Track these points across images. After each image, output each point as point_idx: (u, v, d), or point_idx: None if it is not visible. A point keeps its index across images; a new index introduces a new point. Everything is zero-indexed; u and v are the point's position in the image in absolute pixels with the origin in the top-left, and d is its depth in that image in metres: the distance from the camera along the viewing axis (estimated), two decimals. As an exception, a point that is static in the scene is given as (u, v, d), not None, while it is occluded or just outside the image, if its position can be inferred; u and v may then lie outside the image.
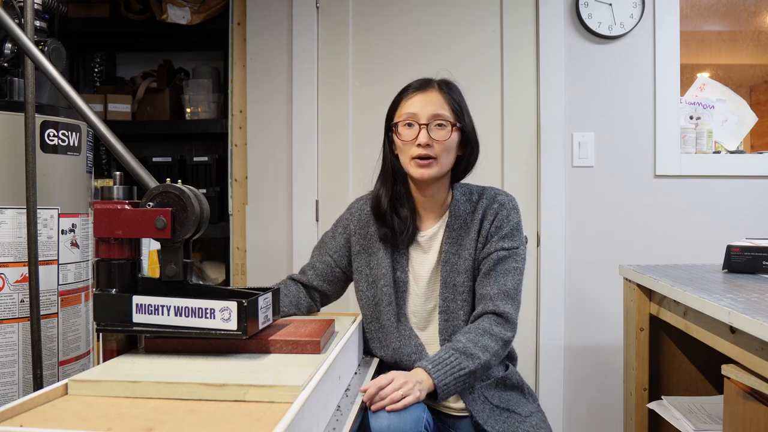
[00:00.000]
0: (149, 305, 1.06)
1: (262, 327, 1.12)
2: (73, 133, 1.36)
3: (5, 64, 1.33)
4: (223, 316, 1.04)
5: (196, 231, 1.10)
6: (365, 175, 1.57)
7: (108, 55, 2.73)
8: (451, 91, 1.44)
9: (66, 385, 0.94)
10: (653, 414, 1.67)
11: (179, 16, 2.40)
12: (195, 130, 2.54)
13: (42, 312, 1.27)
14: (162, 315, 1.06)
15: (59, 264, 1.33)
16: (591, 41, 2.37)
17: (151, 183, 1.13)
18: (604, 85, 2.37)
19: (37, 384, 1.25)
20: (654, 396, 1.71)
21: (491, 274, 1.39)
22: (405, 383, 1.21)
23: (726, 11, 2.82)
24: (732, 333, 1.18)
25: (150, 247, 1.97)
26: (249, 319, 1.05)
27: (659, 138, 2.35)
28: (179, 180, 1.15)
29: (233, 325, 1.04)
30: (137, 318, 1.07)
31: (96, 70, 2.70)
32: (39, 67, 1.20)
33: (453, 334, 1.41)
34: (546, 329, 2.35)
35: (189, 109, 2.53)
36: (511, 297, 1.38)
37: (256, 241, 2.43)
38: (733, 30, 2.87)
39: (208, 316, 1.04)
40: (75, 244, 1.37)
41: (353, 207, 1.57)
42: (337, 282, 1.55)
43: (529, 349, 2.37)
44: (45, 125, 1.30)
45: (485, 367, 1.32)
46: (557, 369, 2.35)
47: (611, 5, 2.33)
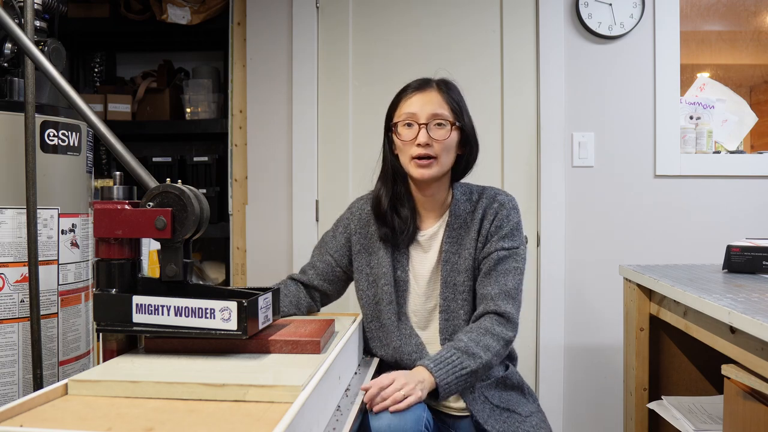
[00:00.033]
0: (149, 305, 1.06)
1: (262, 327, 1.12)
2: (73, 133, 1.36)
3: (5, 64, 1.33)
4: (223, 316, 1.04)
5: (196, 231, 1.10)
6: (365, 175, 1.57)
7: (108, 55, 2.73)
8: (450, 91, 1.44)
9: (66, 385, 0.94)
10: (653, 414, 1.67)
11: (179, 16, 2.40)
12: (195, 130, 2.54)
13: (42, 312, 1.27)
14: (162, 315, 1.06)
15: (59, 264, 1.33)
16: (591, 41, 2.37)
17: (151, 183, 1.13)
18: (604, 85, 2.37)
19: (37, 384, 1.25)
20: (654, 396, 1.71)
21: (492, 274, 1.39)
22: (406, 384, 1.21)
23: (726, 11, 2.82)
24: (732, 333, 1.18)
25: (150, 247, 1.97)
26: (249, 319, 1.05)
27: (659, 138, 2.35)
28: (179, 180, 1.15)
29: (233, 325, 1.04)
30: (137, 318, 1.07)
31: (96, 70, 2.70)
32: (39, 67, 1.20)
33: (453, 333, 1.41)
34: (546, 329, 2.35)
35: (189, 109, 2.53)
36: (512, 297, 1.38)
37: (256, 241, 2.43)
38: (733, 30, 2.87)
39: (208, 316, 1.05)
40: (75, 244, 1.37)
41: (354, 206, 1.57)
42: (338, 281, 1.55)
43: (529, 349, 2.37)
44: (45, 125, 1.30)
45: (487, 367, 1.32)
46: (557, 369, 2.35)
47: (611, 5, 2.33)
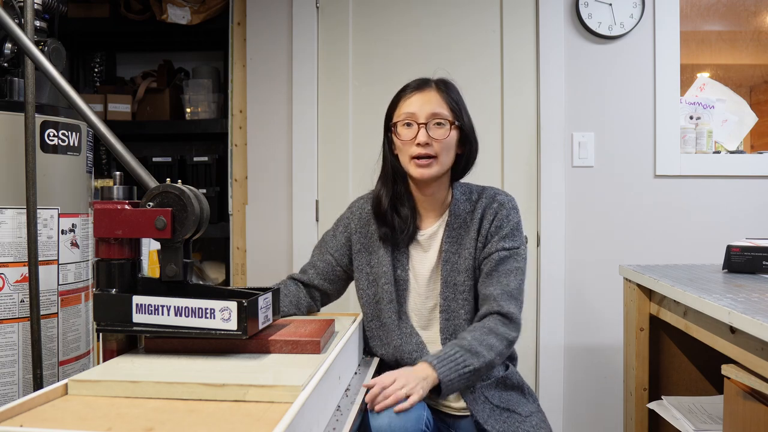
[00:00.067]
0: (149, 305, 1.06)
1: (262, 327, 1.12)
2: (73, 133, 1.36)
3: (5, 64, 1.33)
4: (223, 316, 1.04)
5: (196, 231, 1.10)
6: (365, 175, 1.57)
7: (108, 55, 2.73)
8: (449, 90, 1.44)
9: (66, 385, 0.94)
10: (653, 414, 1.67)
11: (179, 16, 2.40)
12: (195, 130, 2.54)
13: (42, 312, 1.27)
14: (162, 315, 1.06)
15: (59, 264, 1.33)
16: (591, 41, 2.37)
17: (151, 183, 1.13)
18: (604, 85, 2.37)
19: (37, 384, 1.25)
20: (654, 396, 1.71)
21: (493, 274, 1.39)
22: (407, 383, 1.21)
23: (726, 11, 2.82)
24: (732, 333, 1.18)
25: (150, 247, 1.97)
26: (249, 319, 1.05)
27: (659, 138, 2.35)
28: (179, 180, 1.15)
29: (233, 325, 1.04)
30: (137, 318, 1.07)
31: (96, 70, 2.70)
32: (39, 67, 1.20)
33: (454, 333, 1.41)
34: (546, 329, 2.35)
35: (189, 109, 2.53)
36: (515, 297, 1.38)
37: (256, 241, 2.43)
38: (733, 30, 2.87)
39: (208, 316, 1.04)
40: (75, 244, 1.37)
41: (354, 206, 1.57)
42: (338, 281, 1.55)
43: (529, 349, 2.37)
44: (45, 125, 1.30)
45: (489, 366, 1.32)
46: (557, 369, 2.35)
47: (611, 5, 2.33)
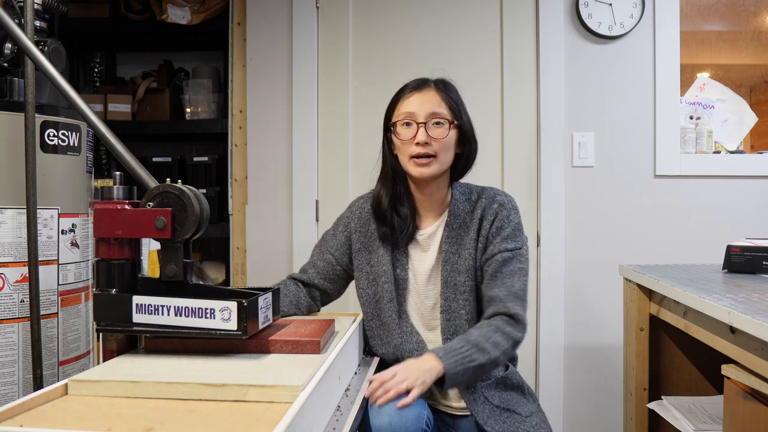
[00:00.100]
0: (149, 305, 1.06)
1: (262, 327, 1.12)
2: (73, 133, 1.36)
3: (5, 64, 1.33)
4: (223, 316, 1.04)
5: (196, 231, 1.10)
6: (365, 175, 1.57)
7: (108, 55, 2.73)
8: (448, 90, 1.44)
9: (66, 385, 0.94)
10: (653, 414, 1.67)
11: (179, 16, 2.40)
12: (195, 130, 2.54)
13: (42, 312, 1.27)
14: (162, 315, 1.06)
15: (59, 264, 1.33)
16: (591, 41, 2.37)
17: (151, 183, 1.13)
18: (604, 85, 2.37)
19: (37, 384, 1.25)
20: (654, 396, 1.71)
21: (497, 276, 1.39)
22: (408, 376, 1.21)
23: (726, 11, 2.82)
24: (732, 333, 1.18)
25: (150, 247, 1.97)
26: (249, 319, 1.05)
27: (659, 138, 2.35)
28: (179, 180, 1.15)
29: (233, 325, 1.04)
30: (137, 318, 1.07)
31: (96, 70, 2.70)
32: (39, 67, 1.20)
33: (455, 333, 1.41)
34: (546, 329, 2.35)
35: (189, 109, 2.53)
36: (520, 299, 1.38)
37: (256, 241, 2.43)
38: (733, 30, 2.87)
39: (208, 316, 1.04)
40: (75, 244, 1.37)
41: (354, 205, 1.57)
42: (338, 280, 1.55)
43: (529, 349, 2.37)
44: (45, 125, 1.30)
45: (493, 363, 1.31)
46: (557, 369, 2.35)
47: (611, 5, 2.33)
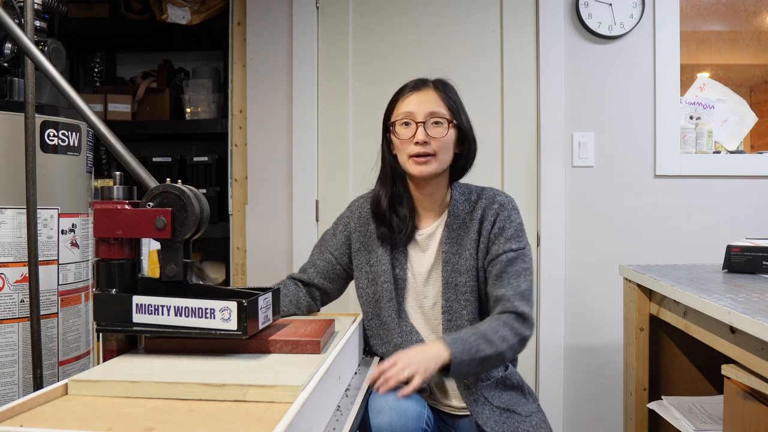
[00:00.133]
0: (149, 305, 1.06)
1: (262, 327, 1.12)
2: (73, 133, 1.36)
3: (5, 64, 1.33)
4: (223, 316, 1.04)
5: (196, 231, 1.10)
6: (365, 175, 1.57)
7: (108, 55, 2.73)
8: (447, 90, 1.44)
9: (66, 385, 0.94)
10: (653, 414, 1.67)
11: (179, 16, 2.40)
12: (195, 130, 2.54)
13: (42, 312, 1.27)
14: (162, 315, 1.06)
15: (59, 264, 1.33)
16: (591, 41, 2.37)
17: (151, 183, 1.13)
18: (604, 85, 2.37)
19: (37, 384, 1.25)
20: (654, 396, 1.71)
21: (503, 276, 1.39)
22: (409, 364, 1.21)
23: (726, 11, 2.82)
24: (732, 333, 1.18)
25: (150, 247, 1.97)
26: (249, 319, 1.05)
27: (659, 138, 2.35)
28: (179, 180, 1.15)
29: (233, 325, 1.04)
30: (137, 318, 1.07)
31: (96, 70, 2.70)
32: (39, 67, 1.20)
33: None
34: (546, 329, 2.35)
35: (189, 109, 2.53)
36: (527, 298, 1.37)
37: (256, 241, 2.43)
38: (733, 30, 2.87)
39: (208, 316, 1.04)
40: (75, 244, 1.37)
41: (353, 205, 1.57)
42: (338, 279, 1.55)
43: (529, 349, 2.36)
44: (45, 125, 1.30)
45: (500, 357, 1.31)
46: (557, 369, 2.35)
47: (611, 5, 2.33)
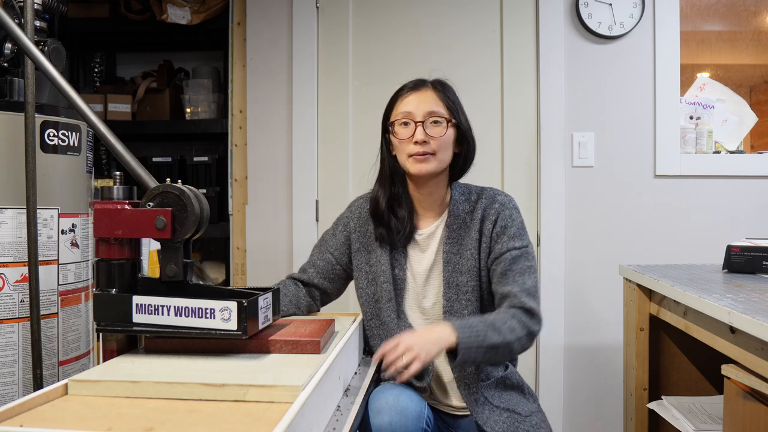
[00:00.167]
0: (149, 305, 1.06)
1: (262, 327, 1.12)
2: (73, 133, 1.36)
3: (5, 64, 1.33)
4: (223, 316, 1.04)
5: (196, 231, 1.10)
6: (365, 175, 1.57)
7: (108, 55, 2.73)
8: (445, 90, 1.45)
9: (66, 385, 0.94)
10: (653, 414, 1.67)
11: (179, 16, 2.40)
12: (195, 130, 2.54)
13: (42, 312, 1.27)
14: (162, 315, 1.06)
15: (59, 264, 1.33)
16: (591, 41, 2.37)
17: (151, 183, 1.13)
18: (604, 85, 2.37)
19: (37, 384, 1.25)
20: (654, 396, 1.71)
21: (508, 274, 1.39)
22: (411, 346, 1.20)
23: (726, 11, 2.82)
24: (732, 333, 1.18)
25: (150, 247, 1.97)
26: (249, 319, 1.05)
27: (659, 138, 2.35)
28: (179, 180, 1.15)
29: (233, 325, 1.04)
30: (137, 318, 1.07)
31: (96, 70, 2.70)
32: (39, 67, 1.20)
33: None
34: (546, 329, 2.31)
35: (189, 109, 2.53)
36: (534, 295, 1.38)
37: (256, 241, 2.43)
38: (733, 30, 2.87)
39: (208, 316, 1.04)
40: (75, 244, 1.37)
41: (353, 205, 1.57)
42: (338, 279, 1.55)
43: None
44: (45, 125, 1.30)
45: (507, 348, 1.30)
46: (557, 369, 2.35)
47: (611, 5, 2.33)
